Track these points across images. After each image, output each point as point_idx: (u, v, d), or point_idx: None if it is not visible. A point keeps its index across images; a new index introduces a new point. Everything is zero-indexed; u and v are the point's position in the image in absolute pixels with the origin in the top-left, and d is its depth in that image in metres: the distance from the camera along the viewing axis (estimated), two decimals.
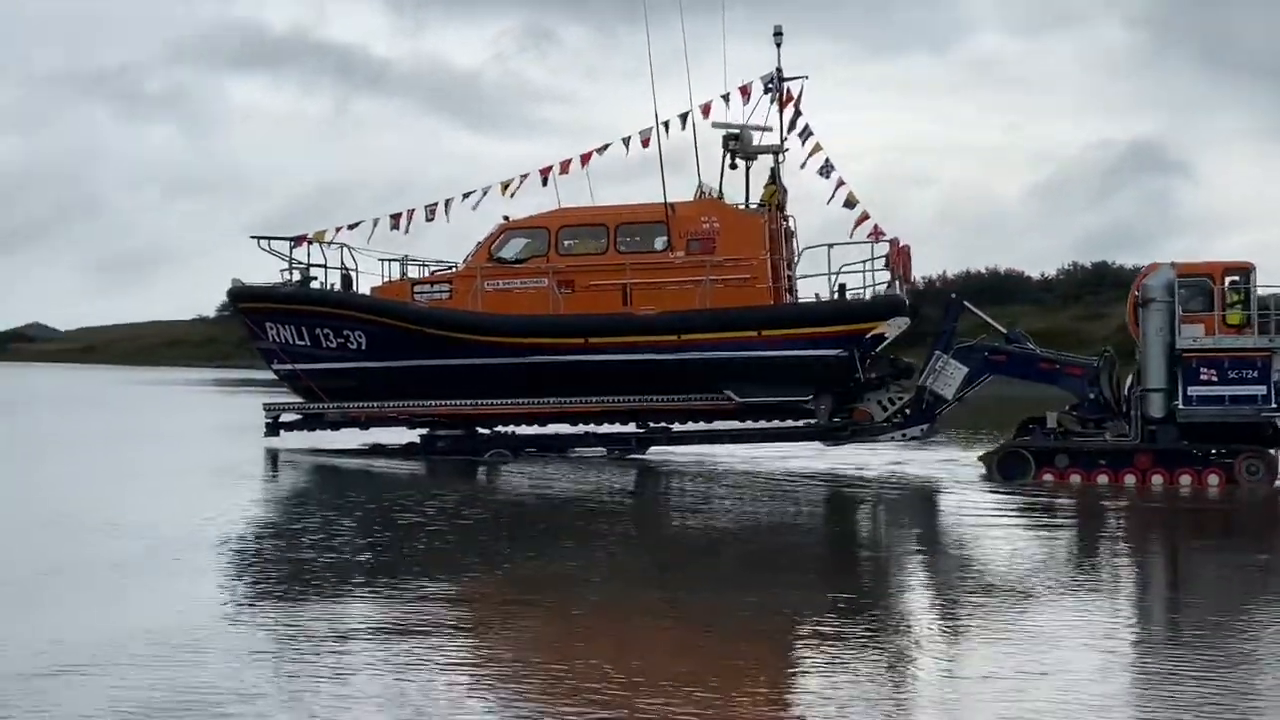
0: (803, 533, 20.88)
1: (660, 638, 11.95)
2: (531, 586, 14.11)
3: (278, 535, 18.52)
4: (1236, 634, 11.93)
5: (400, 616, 12.22)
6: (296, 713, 9.17)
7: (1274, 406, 25.16)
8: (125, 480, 25.85)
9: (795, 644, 11.68)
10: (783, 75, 29.30)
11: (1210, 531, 21.86)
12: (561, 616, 12.63)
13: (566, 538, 18.34)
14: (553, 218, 29.36)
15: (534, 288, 28.88)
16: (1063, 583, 15.05)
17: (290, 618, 12.20)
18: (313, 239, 30.48)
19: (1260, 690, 10.00)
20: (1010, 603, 13.65)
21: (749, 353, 27.68)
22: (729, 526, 20.63)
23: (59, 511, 20.01)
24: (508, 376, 28.47)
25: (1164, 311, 25.67)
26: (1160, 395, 25.65)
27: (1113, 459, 25.95)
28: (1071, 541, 19.73)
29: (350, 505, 21.37)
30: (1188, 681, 9.97)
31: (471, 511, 21.02)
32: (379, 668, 10.32)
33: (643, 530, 19.95)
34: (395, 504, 21.45)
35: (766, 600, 13.38)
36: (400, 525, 19.12)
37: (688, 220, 28.66)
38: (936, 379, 27.68)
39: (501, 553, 17.04)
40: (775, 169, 29.39)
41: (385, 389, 29.56)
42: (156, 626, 11.69)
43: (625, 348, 28.01)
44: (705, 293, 28.14)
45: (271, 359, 30.92)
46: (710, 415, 29.20)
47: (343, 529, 18.44)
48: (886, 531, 21.52)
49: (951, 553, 18.21)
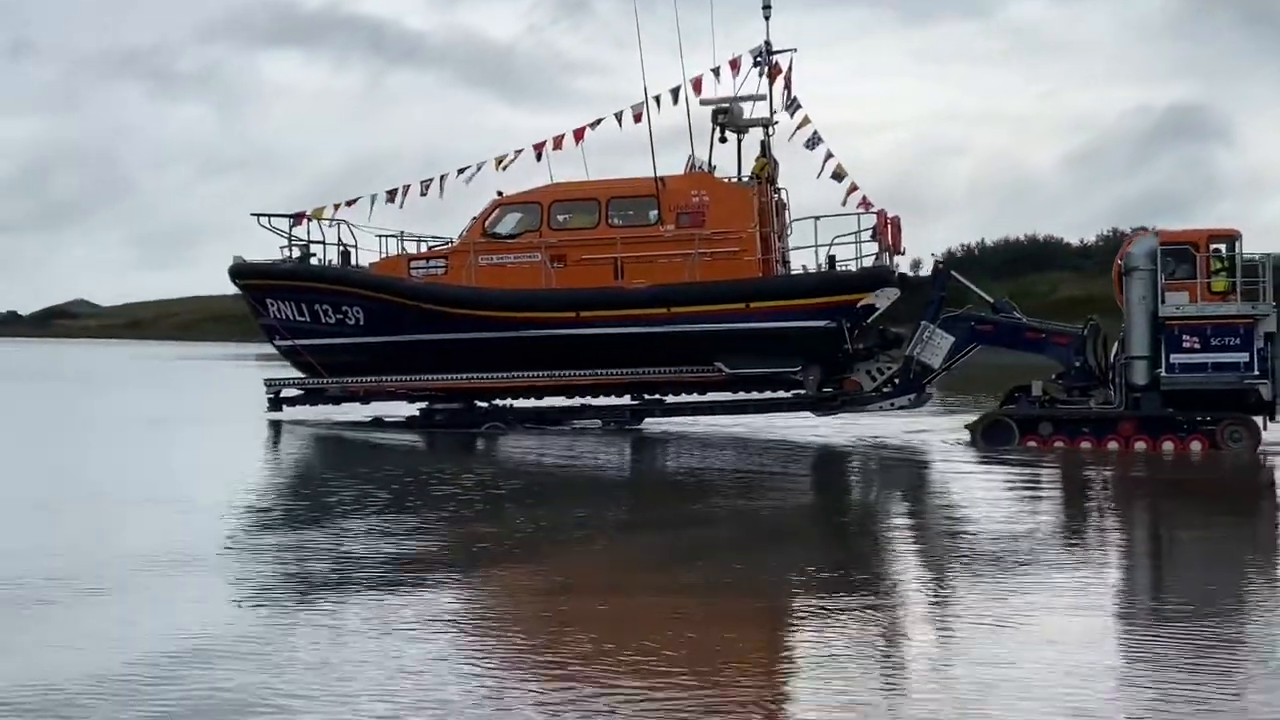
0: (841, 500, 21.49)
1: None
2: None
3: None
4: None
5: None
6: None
7: (1256, 374, 25.24)
8: (166, 456, 25.97)
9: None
10: (771, 48, 29.48)
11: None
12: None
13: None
14: (545, 193, 29.70)
15: (527, 262, 29.27)
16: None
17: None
18: (312, 216, 30.96)
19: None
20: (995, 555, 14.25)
21: (737, 325, 27.96)
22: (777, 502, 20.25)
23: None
24: (501, 350, 28.89)
25: (1147, 279, 25.79)
26: (1144, 363, 25.79)
27: (1096, 426, 26.13)
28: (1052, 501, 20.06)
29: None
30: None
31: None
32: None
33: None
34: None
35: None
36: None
37: (678, 194, 28.94)
38: (923, 349, 27.88)
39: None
40: (765, 142, 29.60)
41: (383, 364, 30.04)
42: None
43: (616, 321, 28.36)
44: (695, 265, 28.42)
45: (273, 335, 31.48)
46: (703, 387, 29.52)
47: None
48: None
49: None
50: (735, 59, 29.45)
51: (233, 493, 19.15)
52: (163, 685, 8.89)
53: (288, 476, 23.24)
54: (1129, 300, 26.01)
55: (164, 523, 16.41)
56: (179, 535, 15.23)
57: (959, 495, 20.58)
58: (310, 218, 31.00)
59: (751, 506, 18.78)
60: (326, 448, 27.68)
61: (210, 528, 15.83)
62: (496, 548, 14.49)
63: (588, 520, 16.79)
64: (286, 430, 29.87)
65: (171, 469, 23.50)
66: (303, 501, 18.97)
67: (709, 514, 17.88)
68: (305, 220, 31.07)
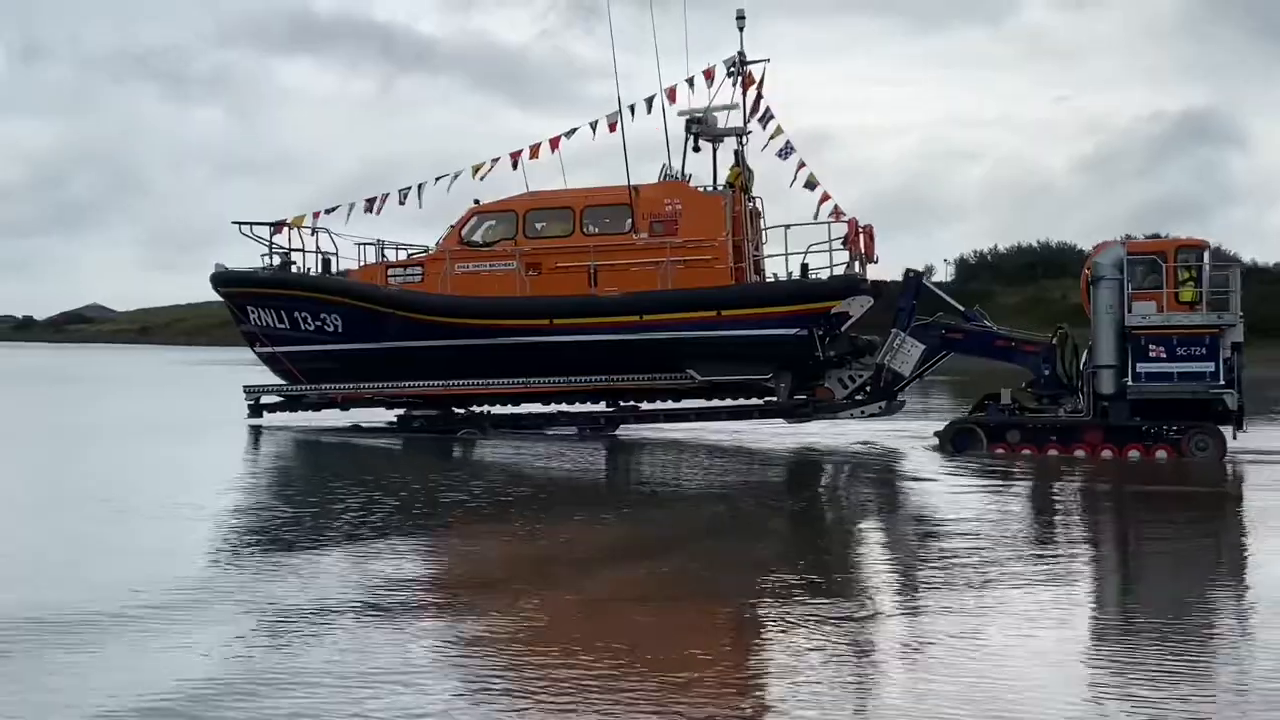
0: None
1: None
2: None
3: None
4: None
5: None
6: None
7: (1221, 383, 25.34)
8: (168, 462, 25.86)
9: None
10: (744, 58, 29.66)
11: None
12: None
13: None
14: (521, 201, 29.94)
15: (502, 270, 29.50)
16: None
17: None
18: (291, 224, 31.24)
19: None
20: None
21: (708, 332, 28.16)
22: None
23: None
24: (476, 357, 29.12)
25: (1114, 289, 25.92)
26: (1111, 372, 25.92)
27: (1063, 434, 26.27)
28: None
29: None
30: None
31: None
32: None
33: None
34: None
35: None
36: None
37: (651, 202, 29.14)
38: (894, 356, 28.05)
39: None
40: (738, 151, 29.78)
41: (361, 370, 30.33)
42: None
43: (589, 328, 28.58)
44: (667, 273, 28.62)
45: (254, 342, 31.77)
46: (677, 394, 29.72)
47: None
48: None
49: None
50: (709, 69, 29.65)
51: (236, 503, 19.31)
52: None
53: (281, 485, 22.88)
54: (1096, 310, 26.15)
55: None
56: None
57: (918, 497, 20.94)
58: (290, 226, 31.26)
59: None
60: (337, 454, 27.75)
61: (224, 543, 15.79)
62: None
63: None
64: (271, 435, 30.09)
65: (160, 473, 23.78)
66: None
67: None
68: (286, 228, 31.31)
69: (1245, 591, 13.75)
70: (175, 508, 18.45)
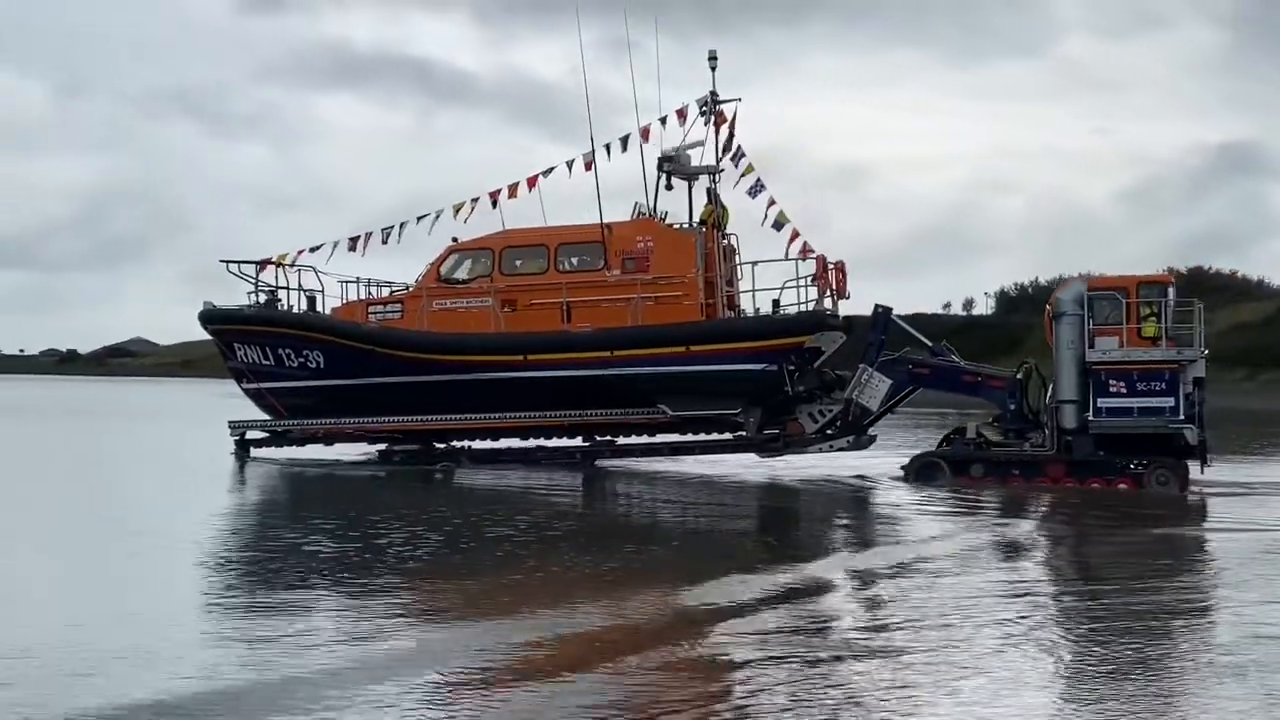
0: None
1: None
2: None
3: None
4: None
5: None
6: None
7: (1181, 418, 25.48)
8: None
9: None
10: (717, 98, 30.11)
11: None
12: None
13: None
14: (497, 239, 30.46)
15: (478, 307, 30.01)
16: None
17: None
18: (276, 262, 31.86)
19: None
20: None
21: (678, 368, 28.53)
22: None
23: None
24: (453, 393, 29.59)
25: (1075, 325, 26.15)
26: (1073, 407, 26.13)
27: (1026, 468, 26.48)
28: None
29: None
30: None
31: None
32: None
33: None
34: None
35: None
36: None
37: (623, 240, 29.59)
38: (862, 391, 28.31)
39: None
40: (711, 189, 30.19)
41: (343, 406, 30.87)
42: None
43: (562, 364, 29.01)
44: (638, 309, 29.04)
45: (240, 378, 32.38)
46: (652, 428, 30.08)
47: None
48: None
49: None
50: (682, 108, 30.14)
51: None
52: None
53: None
54: (1058, 345, 26.39)
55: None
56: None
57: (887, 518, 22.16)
58: (276, 264, 31.88)
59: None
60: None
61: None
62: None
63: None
64: (288, 468, 30.52)
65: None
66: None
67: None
68: (272, 266, 31.91)
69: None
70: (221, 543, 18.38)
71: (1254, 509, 23.32)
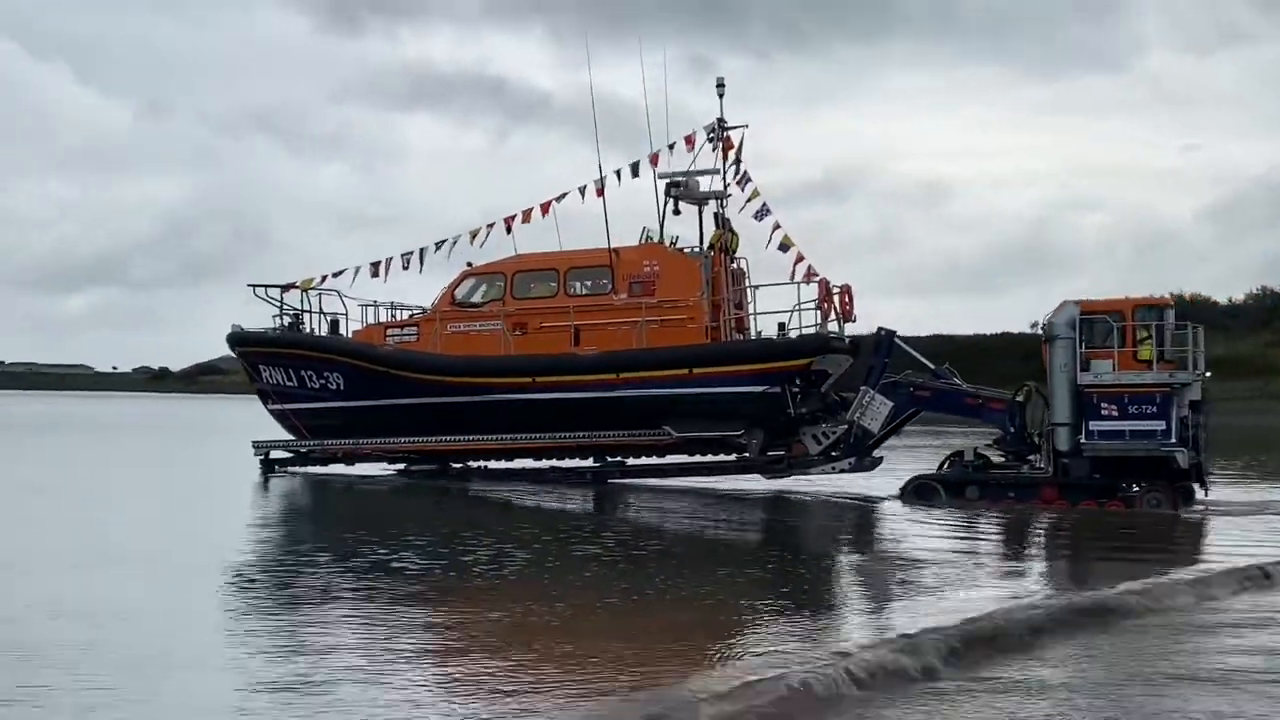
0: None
1: None
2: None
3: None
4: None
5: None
6: None
7: (1173, 441, 25.54)
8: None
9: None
10: (725, 124, 30.61)
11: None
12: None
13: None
14: (510, 264, 31.20)
15: (490, 330, 30.75)
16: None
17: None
18: (301, 286, 32.82)
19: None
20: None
21: (681, 390, 29.04)
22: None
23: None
24: (465, 414, 30.36)
25: (1068, 348, 26.32)
26: (1066, 429, 26.29)
27: (1020, 490, 26.68)
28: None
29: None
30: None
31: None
32: None
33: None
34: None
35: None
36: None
37: (630, 264, 30.20)
38: (864, 413, 28.62)
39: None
40: (719, 214, 30.68)
41: (361, 427, 31.72)
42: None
43: (569, 386, 29.65)
44: (643, 332, 29.60)
45: (266, 399, 33.38)
46: (661, 450, 30.59)
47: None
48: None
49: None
50: (690, 135, 30.64)
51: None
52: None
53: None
54: (1052, 368, 26.56)
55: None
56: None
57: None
58: (300, 288, 32.84)
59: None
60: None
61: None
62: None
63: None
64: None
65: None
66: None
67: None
68: (297, 290, 32.87)
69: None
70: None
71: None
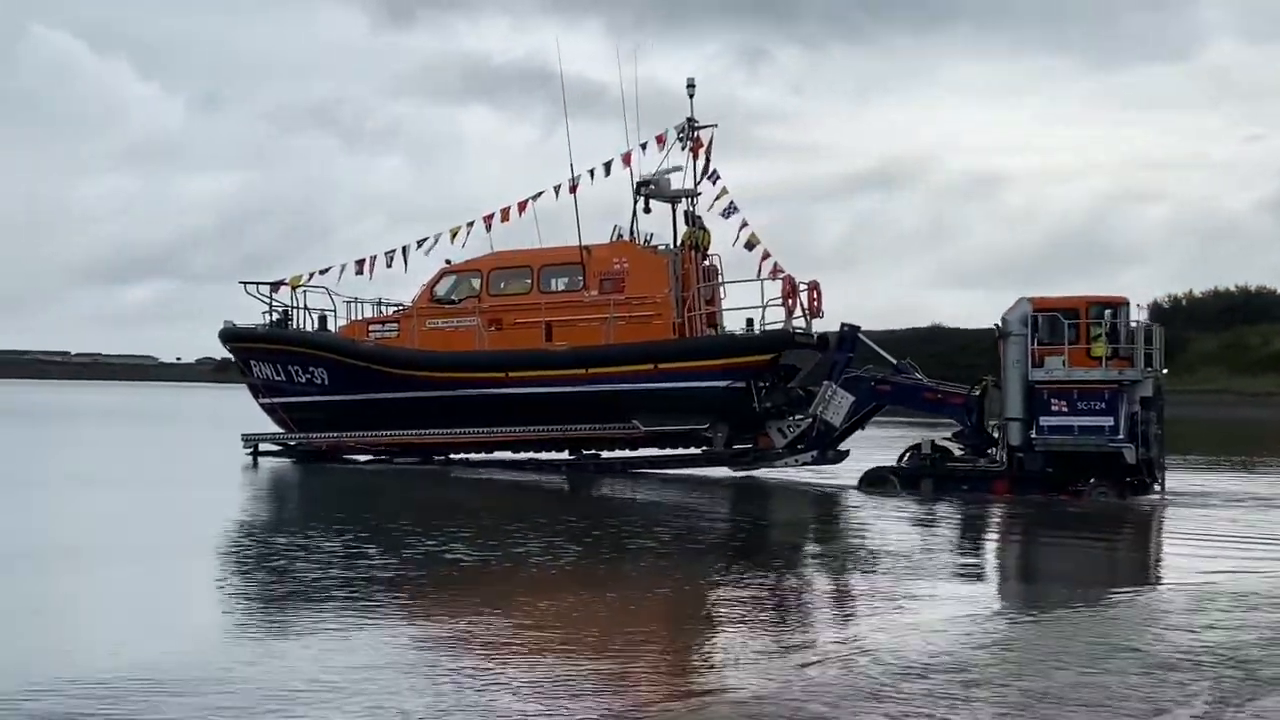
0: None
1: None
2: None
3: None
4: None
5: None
6: None
7: (1121, 437, 25.85)
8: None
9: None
10: (694, 124, 31.16)
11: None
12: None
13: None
14: (486, 261, 31.97)
15: (465, 326, 31.52)
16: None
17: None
18: (290, 283, 33.74)
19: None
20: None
21: (648, 384, 29.67)
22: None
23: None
24: (441, 408, 31.15)
25: (1021, 344, 26.66)
26: (1019, 424, 26.66)
27: (973, 482, 27.09)
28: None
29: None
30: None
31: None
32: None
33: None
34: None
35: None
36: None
37: (601, 261, 30.88)
38: (826, 408, 29.11)
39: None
40: (689, 212, 31.26)
41: (345, 420, 32.62)
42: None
43: (540, 381, 30.37)
44: (611, 328, 30.24)
45: (256, 393, 34.36)
46: (634, 443, 31.23)
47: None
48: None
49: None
50: (661, 134, 31.21)
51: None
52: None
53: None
54: (1005, 363, 26.91)
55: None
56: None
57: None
58: (290, 285, 33.77)
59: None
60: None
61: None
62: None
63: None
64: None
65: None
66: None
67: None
68: (286, 287, 33.81)
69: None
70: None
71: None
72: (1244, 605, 13.82)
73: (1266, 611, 13.42)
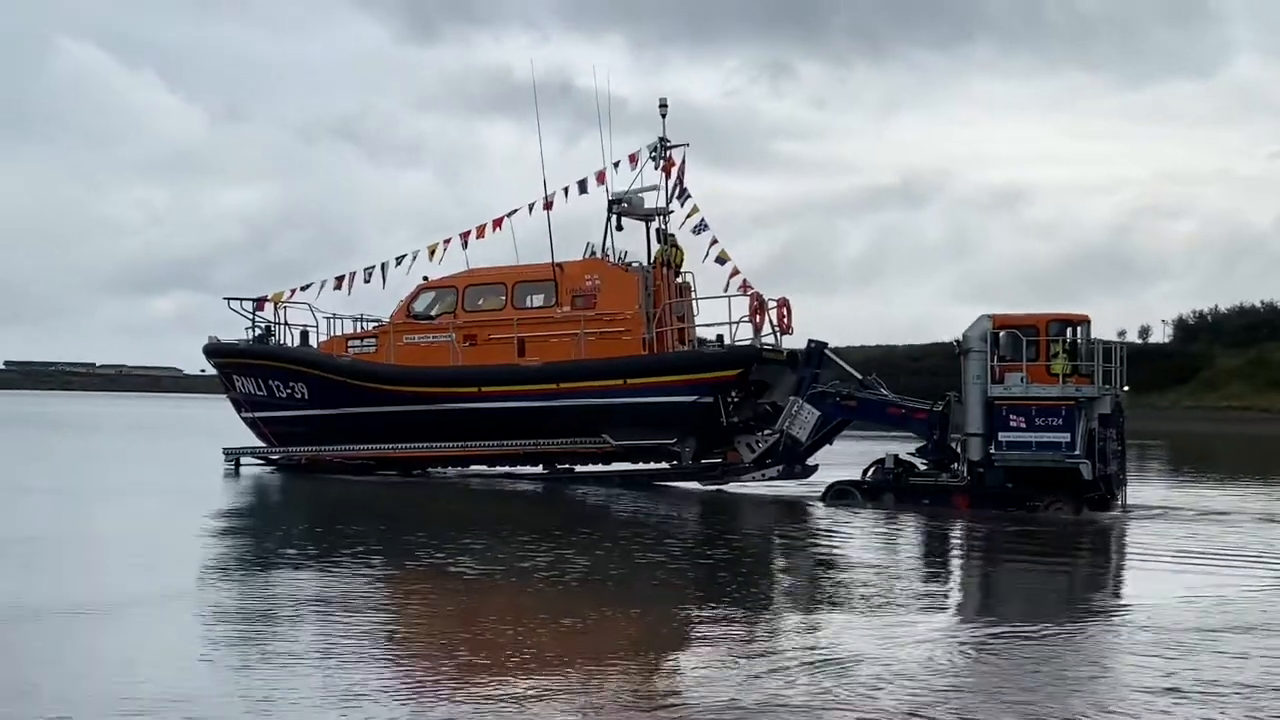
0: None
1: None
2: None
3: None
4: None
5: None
6: None
7: (1078, 454, 26.12)
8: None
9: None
10: (666, 143, 31.58)
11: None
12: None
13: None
14: (462, 278, 32.44)
15: (441, 341, 31.99)
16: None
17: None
18: (272, 300, 34.30)
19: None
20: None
21: (617, 399, 30.07)
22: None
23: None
24: (416, 423, 31.61)
25: (980, 360, 26.96)
26: (978, 440, 26.95)
27: (934, 497, 27.38)
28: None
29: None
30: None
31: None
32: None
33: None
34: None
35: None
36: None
37: (574, 277, 31.31)
38: (792, 423, 29.44)
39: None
40: (662, 229, 31.67)
41: (323, 435, 33.12)
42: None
43: (512, 395, 30.81)
44: (582, 343, 30.66)
45: (239, 408, 34.91)
46: (607, 457, 31.62)
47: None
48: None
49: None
50: (634, 153, 31.66)
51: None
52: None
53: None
54: (965, 379, 27.22)
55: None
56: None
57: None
58: (272, 301, 34.31)
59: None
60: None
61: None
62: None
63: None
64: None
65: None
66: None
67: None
68: (267, 303, 34.35)
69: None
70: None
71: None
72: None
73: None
